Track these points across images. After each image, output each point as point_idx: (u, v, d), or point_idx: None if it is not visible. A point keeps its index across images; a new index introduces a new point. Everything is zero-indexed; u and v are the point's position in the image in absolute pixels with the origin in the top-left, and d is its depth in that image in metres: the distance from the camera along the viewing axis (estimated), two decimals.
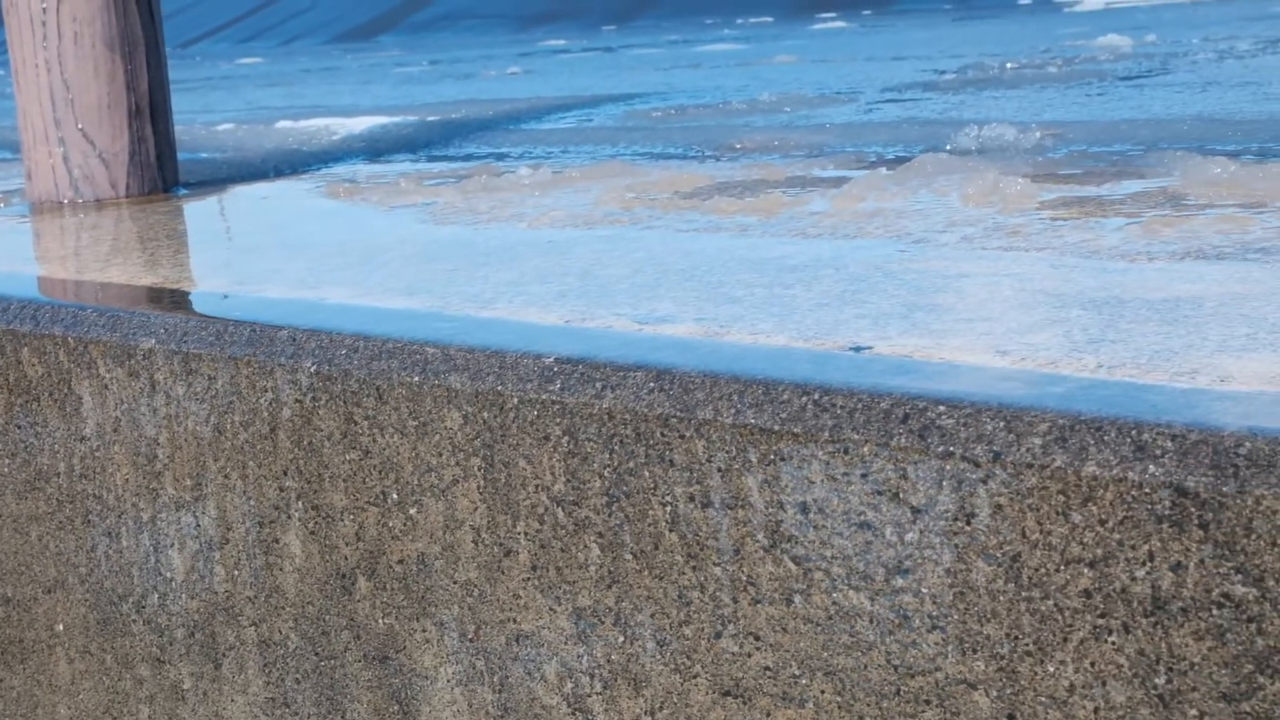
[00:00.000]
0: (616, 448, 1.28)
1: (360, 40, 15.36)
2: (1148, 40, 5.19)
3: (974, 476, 1.11)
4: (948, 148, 2.58)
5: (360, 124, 3.44)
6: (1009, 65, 4.29)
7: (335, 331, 1.45)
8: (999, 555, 1.11)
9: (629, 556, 1.29)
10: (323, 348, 1.44)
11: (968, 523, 1.12)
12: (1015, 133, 2.57)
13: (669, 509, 1.26)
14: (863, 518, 1.17)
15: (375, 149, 3.07)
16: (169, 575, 1.65)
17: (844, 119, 3.17)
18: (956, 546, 1.12)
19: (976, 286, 1.53)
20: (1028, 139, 2.56)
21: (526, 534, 1.34)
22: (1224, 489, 1.02)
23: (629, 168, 2.54)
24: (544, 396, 1.32)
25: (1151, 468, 1.05)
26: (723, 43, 7.98)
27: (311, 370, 1.43)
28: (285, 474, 1.47)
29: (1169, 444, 1.06)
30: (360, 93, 5.09)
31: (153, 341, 1.60)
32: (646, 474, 1.27)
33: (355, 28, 16.56)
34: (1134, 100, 3.12)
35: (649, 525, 1.27)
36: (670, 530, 1.26)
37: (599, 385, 1.30)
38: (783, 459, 1.20)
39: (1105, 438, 1.08)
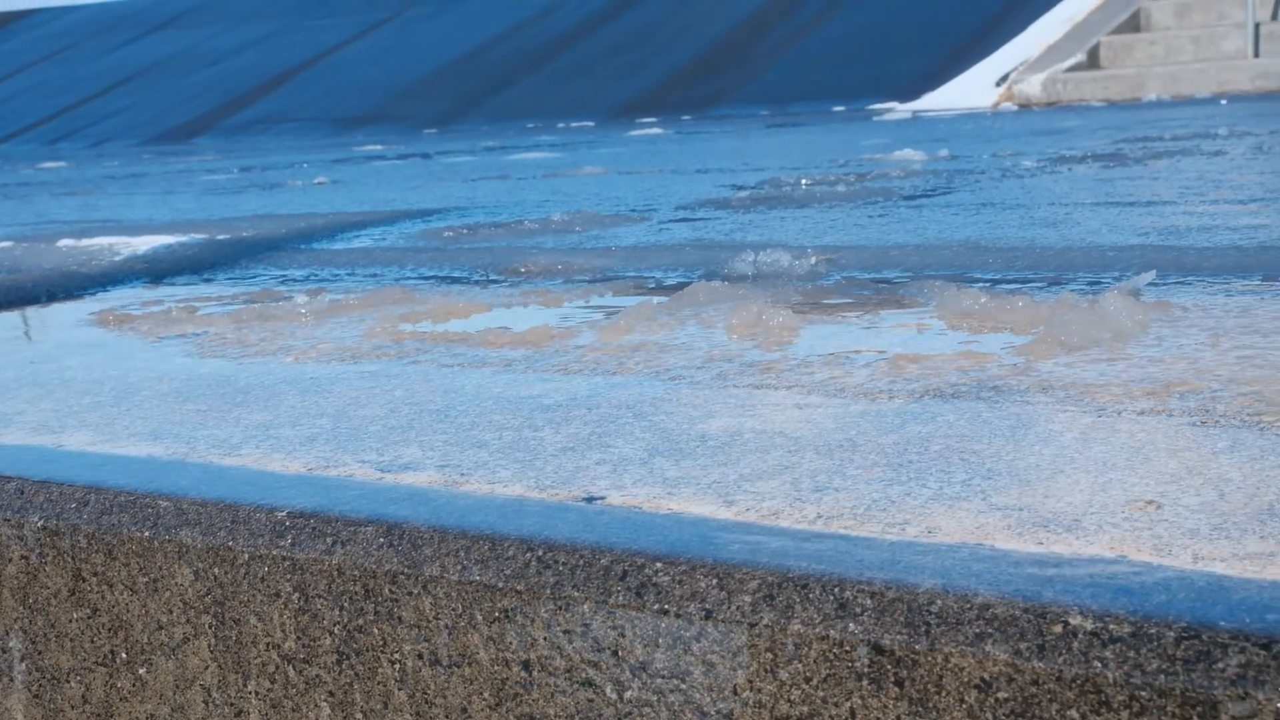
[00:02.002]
0: (346, 604, 1.27)
1: (176, 142, 15.17)
2: (940, 155, 5.38)
3: (688, 634, 1.13)
4: (724, 273, 2.63)
5: (147, 243, 3.39)
6: (804, 181, 4.41)
7: (67, 483, 1.42)
8: (713, 714, 1.12)
9: (359, 715, 1.28)
10: (52, 501, 1.41)
11: (683, 681, 1.13)
12: (790, 258, 2.64)
13: (398, 667, 1.25)
14: (585, 675, 1.18)
15: (158, 271, 3.03)
16: None
17: (633, 240, 3.22)
18: (672, 706, 1.14)
19: (720, 429, 1.56)
20: (802, 265, 2.62)
21: (258, 693, 1.32)
22: (917, 646, 1.05)
23: (408, 294, 2.55)
24: (275, 552, 1.30)
25: (852, 625, 1.08)
26: (538, 150, 8.06)
27: (38, 525, 1.40)
28: (8, 633, 1.43)
29: (869, 601, 1.09)
30: (159, 204, 5.02)
31: None
32: (376, 631, 1.26)
33: (171, 129, 16.36)
34: (912, 222, 3.22)
35: (378, 684, 1.26)
36: (399, 689, 1.26)
37: (330, 540, 1.29)
38: (507, 617, 1.21)
39: (810, 595, 1.11)
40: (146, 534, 1.35)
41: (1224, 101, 9.28)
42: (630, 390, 1.77)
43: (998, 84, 12.08)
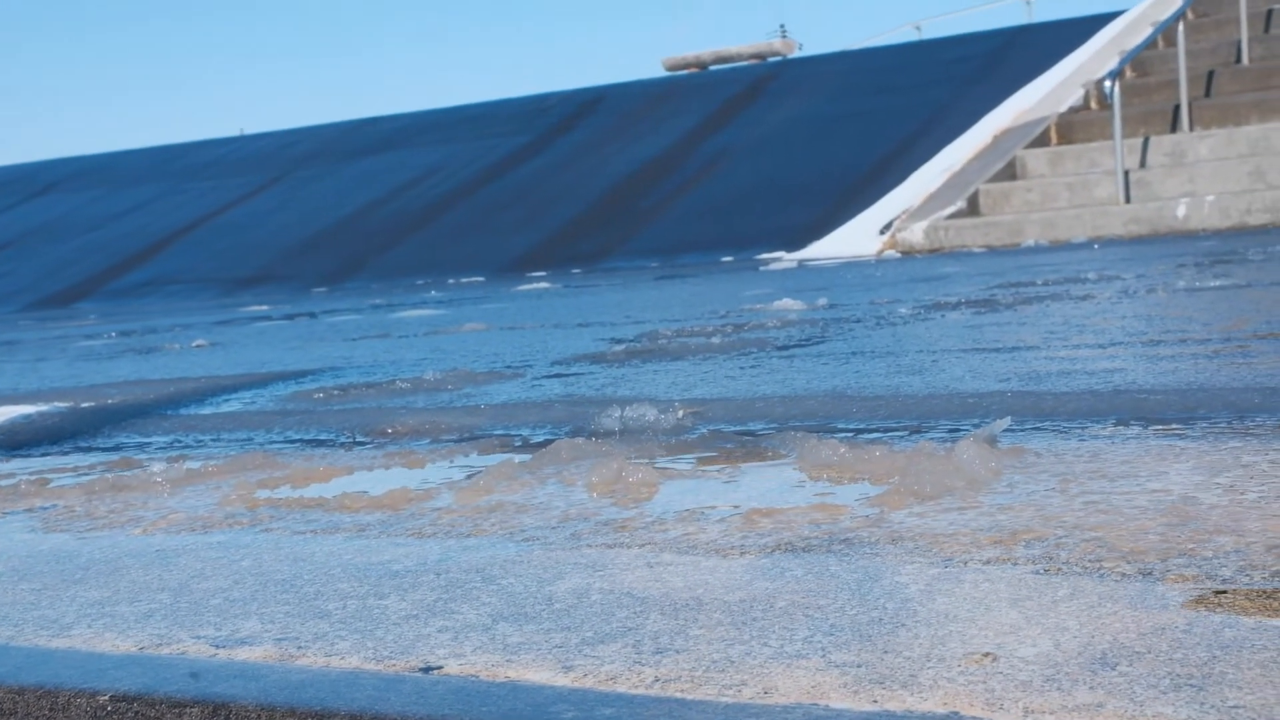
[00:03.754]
0: None
1: (58, 307, 14.99)
2: (818, 304, 5.45)
3: None
4: (591, 429, 2.62)
5: (4, 413, 3.32)
6: (682, 333, 4.44)
7: None
8: None
9: None
10: None
11: None
12: (656, 413, 2.64)
13: None
14: None
15: (14, 442, 2.96)
16: None
17: (504, 397, 3.21)
18: None
19: (567, 591, 1.54)
20: (668, 419, 2.63)
21: None
22: None
23: (270, 459, 2.51)
24: None
25: None
26: (424, 307, 8.06)
27: None
28: None
29: None
30: (26, 373, 4.94)
31: None
32: None
33: (53, 294, 16.17)
34: (782, 373, 3.25)
35: None
36: None
37: None
38: None
39: None
40: None
41: (1097, 246, 9.55)
42: (482, 553, 1.74)
43: (882, 232, 12.32)
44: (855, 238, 12.54)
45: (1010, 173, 12.48)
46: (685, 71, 22.51)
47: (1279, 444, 1.96)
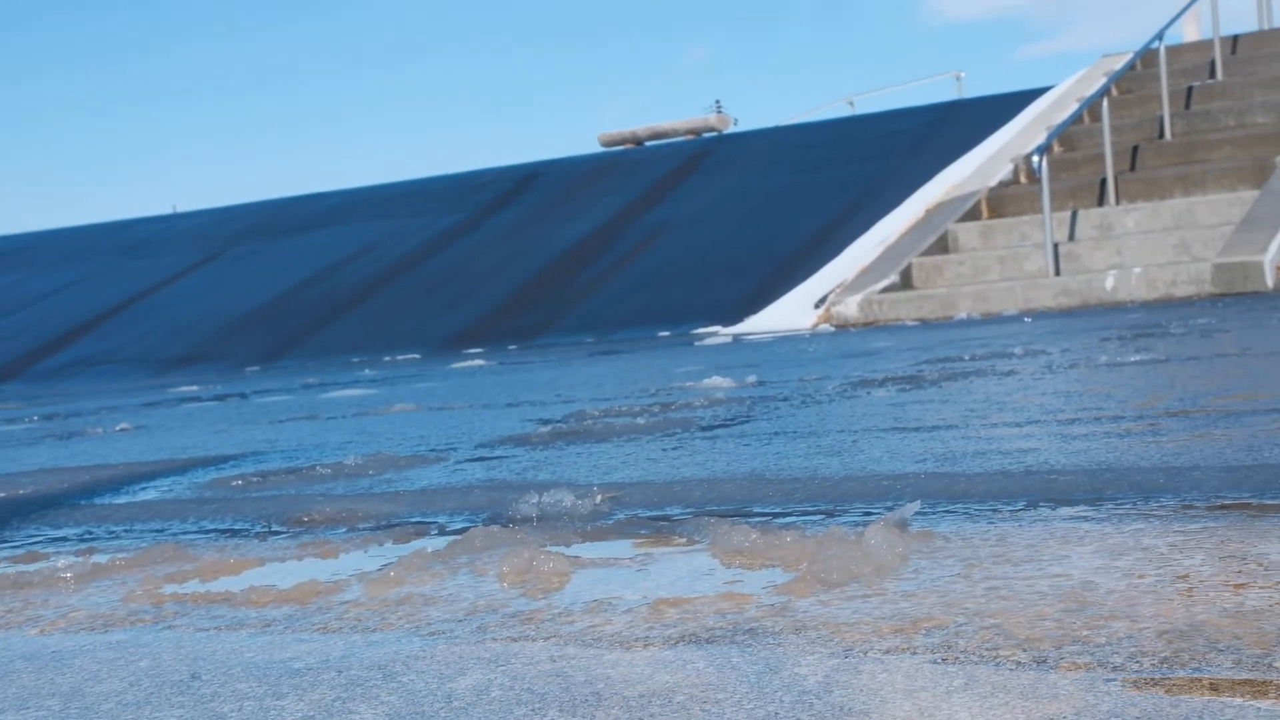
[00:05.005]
0: None
1: None
2: (748, 382, 5.47)
3: None
4: (508, 516, 2.61)
5: None
6: (609, 413, 4.44)
7: None
8: None
9: None
10: None
11: None
12: (574, 498, 2.63)
13: None
14: None
15: None
16: None
17: (425, 482, 3.20)
18: None
19: (468, 688, 1.53)
20: (586, 504, 2.62)
21: None
22: None
23: (181, 551, 2.48)
24: None
25: None
26: (356, 386, 8.02)
27: None
28: None
29: None
30: None
31: None
32: None
33: None
34: (704, 455, 3.25)
35: None
36: None
37: None
38: None
39: None
40: None
41: (1027, 319, 9.65)
42: (386, 648, 1.73)
43: (816, 306, 12.41)
44: (790, 311, 12.62)
45: (943, 246, 12.62)
46: (621, 147, 22.67)
47: (1179, 526, 1.99)
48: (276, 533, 2.70)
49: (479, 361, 10.39)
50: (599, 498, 2.69)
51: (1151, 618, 1.53)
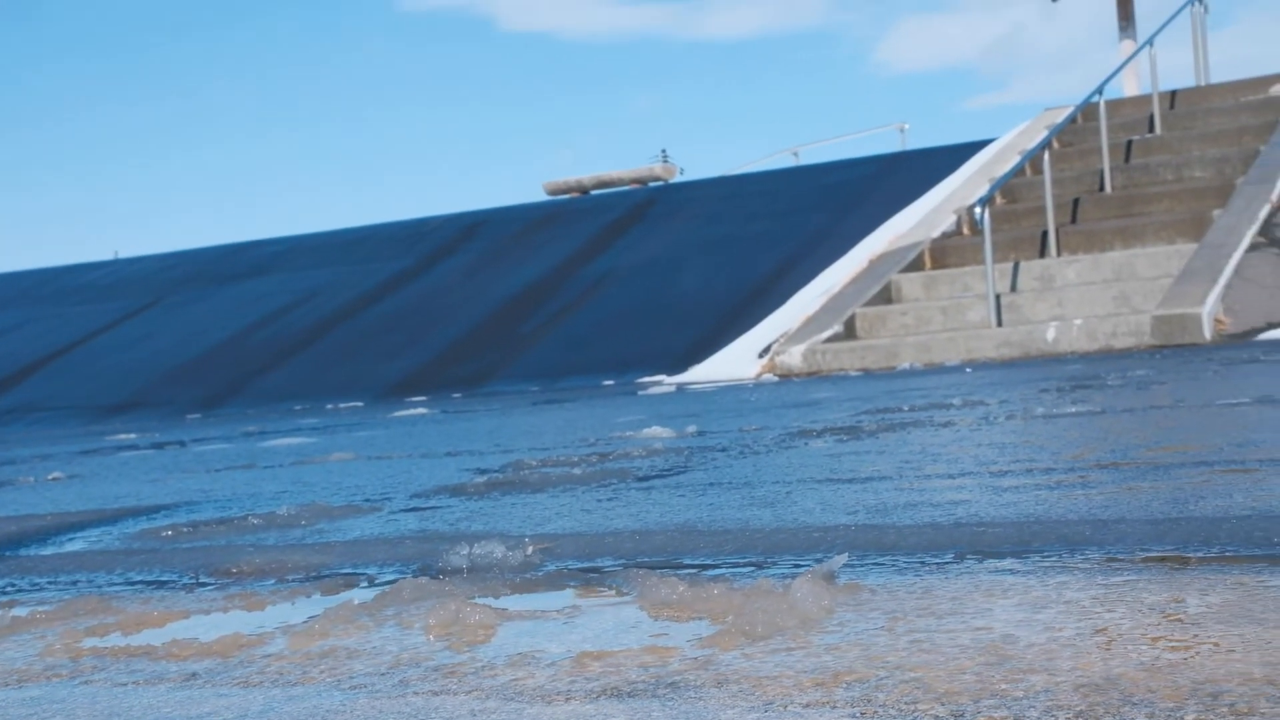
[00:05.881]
0: None
1: None
2: (687, 432, 5.47)
3: None
4: (439, 567, 2.60)
5: None
6: (547, 463, 4.43)
7: None
8: None
9: None
10: None
11: None
12: (505, 550, 2.62)
13: None
14: None
15: None
16: None
17: (357, 533, 3.18)
18: None
19: None
20: (517, 556, 2.61)
21: None
22: None
23: (105, 604, 2.45)
24: None
25: None
26: (297, 434, 7.97)
27: None
28: None
29: None
30: None
31: None
32: None
33: None
34: (638, 505, 3.25)
35: None
36: None
37: None
38: None
39: None
40: None
41: (969, 369, 9.72)
42: (306, 703, 1.71)
43: (760, 355, 12.45)
44: (735, 360, 12.65)
45: (886, 296, 12.71)
46: (567, 196, 22.74)
47: (1102, 579, 2.00)
48: (204, 584, 2.67)
49: (422, 410, 10.34)
50: (530, 549, 2.68)
51: (1069, 671, 1.54)
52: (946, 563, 2.25)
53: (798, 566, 2.35)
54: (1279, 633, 1.60)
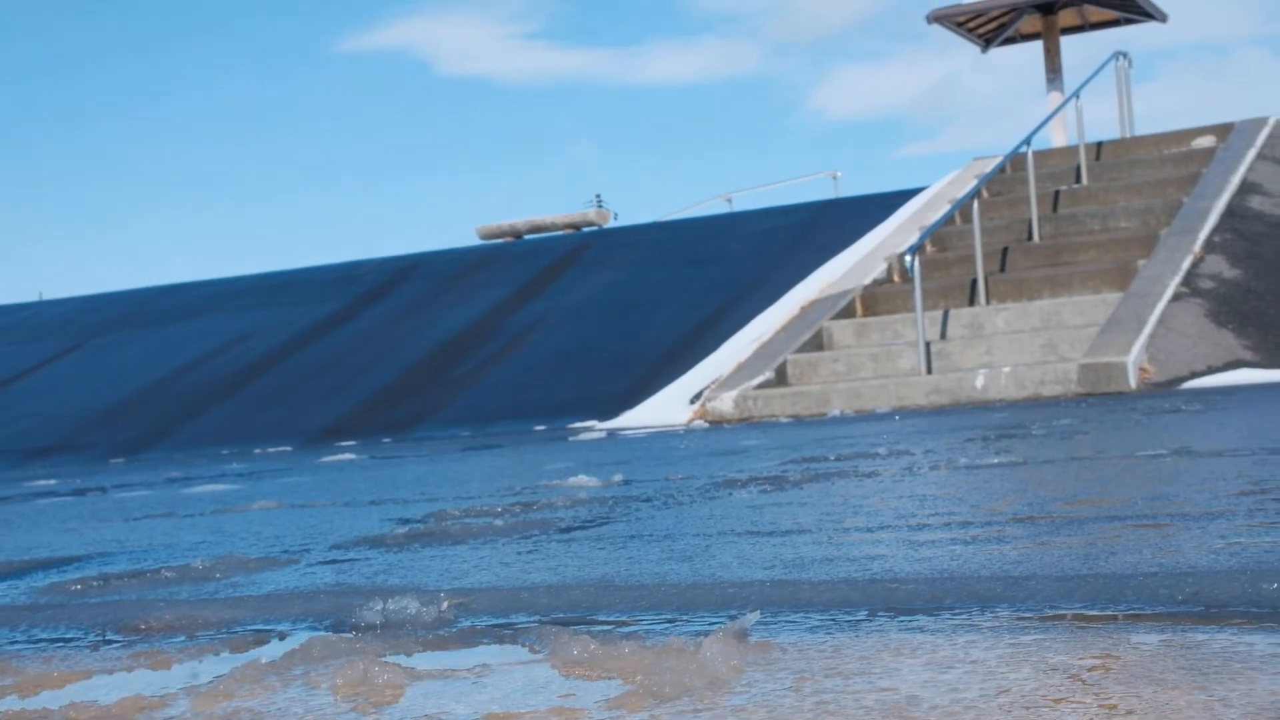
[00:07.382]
0: None
1: None
2: (614, 481, 5.46)
3: None
4: (352, 623, 2.57)
5: None
6: (470, 512, 4.40)
7: None
8: None
9: None
10: None
11: None
12: (419, 605, 2.60)
13: None
14: None
15: None
16: None
17: (272, 586, 3.14)
18: None
19: None
20: (431, 611, 2.59)
21: None
22: None
23: (3, 664, 2.40)
24: None
25: None
26: (222, 481, 7.88)
27: None
28: None
29: None
30: None
31: None
32: None
33: None
34: (557, 559, 3.23)
35: None
36: None
37: None
38: None
39: None
40: None
41: (898, 417, 9.77)
42: None
43: (692, 401, 12.47)
44: (667, 407, 12.66)
45: (818, 343, 12.77)
46: (500, 240, 22.74)
47: (1010, 638, 2.01)
48: (110, 641, 2.63)
49: (350, 455, 10.27)
50: (445, 604, 2.65)
51: None
52: (859, 620, 2.26)
53: (712, 624, 2.34)
54: (1175, 694, 1.61)
